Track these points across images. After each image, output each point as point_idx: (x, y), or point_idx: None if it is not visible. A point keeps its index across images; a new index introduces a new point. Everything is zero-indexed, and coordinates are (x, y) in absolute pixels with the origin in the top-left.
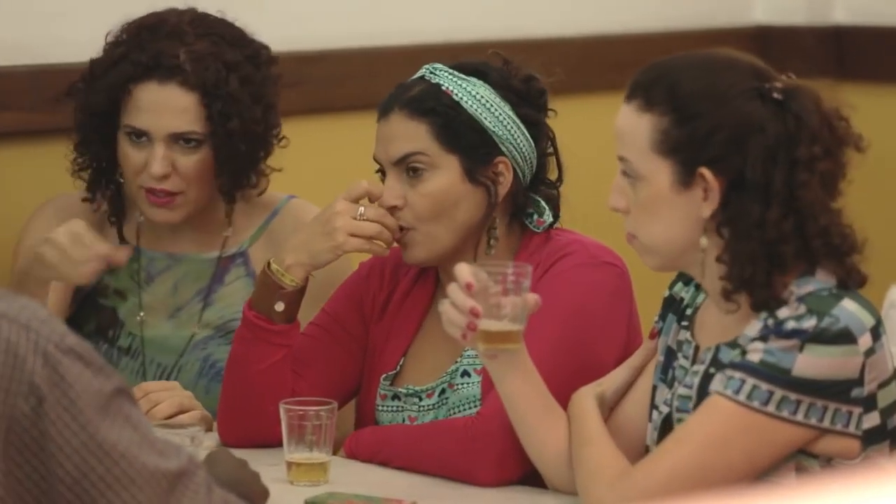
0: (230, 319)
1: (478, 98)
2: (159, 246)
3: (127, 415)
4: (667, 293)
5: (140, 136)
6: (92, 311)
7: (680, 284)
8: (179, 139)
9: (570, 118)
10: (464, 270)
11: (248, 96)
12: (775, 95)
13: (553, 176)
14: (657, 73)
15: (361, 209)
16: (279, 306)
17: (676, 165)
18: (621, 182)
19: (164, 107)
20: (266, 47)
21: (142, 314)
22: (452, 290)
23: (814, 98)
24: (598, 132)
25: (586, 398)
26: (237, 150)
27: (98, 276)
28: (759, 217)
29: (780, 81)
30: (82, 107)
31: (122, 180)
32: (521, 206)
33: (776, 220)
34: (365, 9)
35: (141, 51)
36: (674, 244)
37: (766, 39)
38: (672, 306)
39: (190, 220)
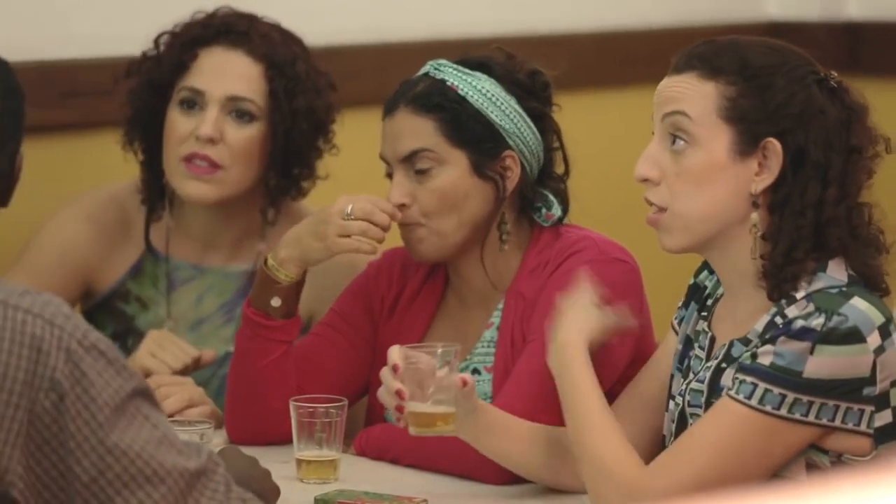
0: None
1: (483, 92)
2: (187, 256)
3: (146, 414)
4: (692, 281)
5: (193, 103)
6: (109, 315)
7: (705, 273)
8: (233, 110)
9: (582, 113)
10: (393, 353)
11: (313, 85)
12: (832, 84)
13: (560, 170)
14: (718, 46)
15: (349, 207)
16: (275, 301)
17: (739, 134)
18: (655, 152)
19: (227, 70)
20: (328, 73)
21: (170, 323)
22: (383, 373)
23: (859, 94)
24: (611, 127)
25: (581, 370)
26: (298, 131)
27: (120, 280)
28: (816, 197)
29: (832, 73)
30: (144, 78)
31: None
32: (529, 201)
33: (833, 202)
34: (376, 4)
35: (212, 18)
36: (711, 219)
37: (779, 34)
38: (696, 294)
39: (223, 229)
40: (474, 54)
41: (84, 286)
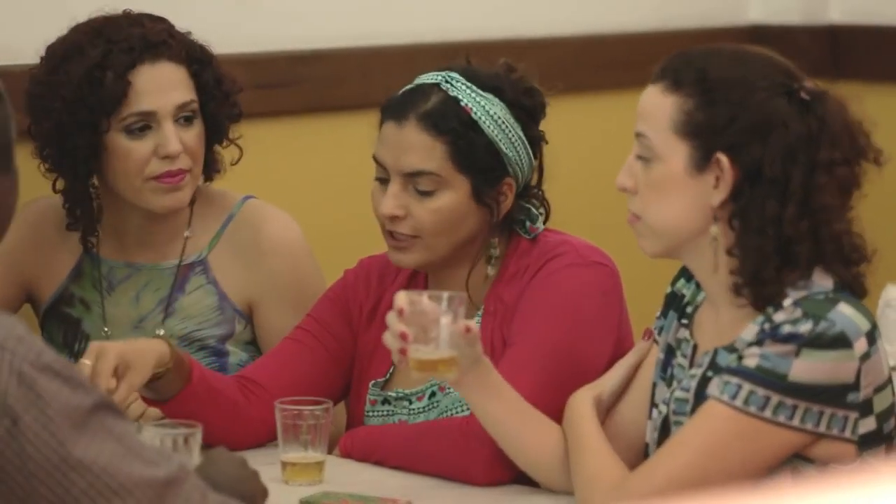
0: (195, 330)
1: (495, 119)
2: (118, 255)
3: (109, 428)
4: (669, 290)
5: (142, 127)
6: (58, 321)
7: (682, 281)
8: (180, 116)
9: (562, 117)
10: (399, 297)
11: (216, 60)
12: (803, 96)
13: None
14: (689, 57)
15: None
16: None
17: (694, 149)
18: (633, 163)
19: (164, 83)
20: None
21: (106, 329)
22: (389, 316)
23: (839, 106)
24: (592, 131)
25: (583, 403)
26: (224, 109)
27: (63, 284)
28: (775, 213)
29: (810, 84)
30: (69, 119)
31: (94, 190)
32: (513, 217)
33: (792, 219)
34: (360, 8)
35: (122, 40)
36: (679, 229)
37: (761, 39)
38: (674, 303)
39: (158, 228)
40: (483, 69)
41: (25, 292)
